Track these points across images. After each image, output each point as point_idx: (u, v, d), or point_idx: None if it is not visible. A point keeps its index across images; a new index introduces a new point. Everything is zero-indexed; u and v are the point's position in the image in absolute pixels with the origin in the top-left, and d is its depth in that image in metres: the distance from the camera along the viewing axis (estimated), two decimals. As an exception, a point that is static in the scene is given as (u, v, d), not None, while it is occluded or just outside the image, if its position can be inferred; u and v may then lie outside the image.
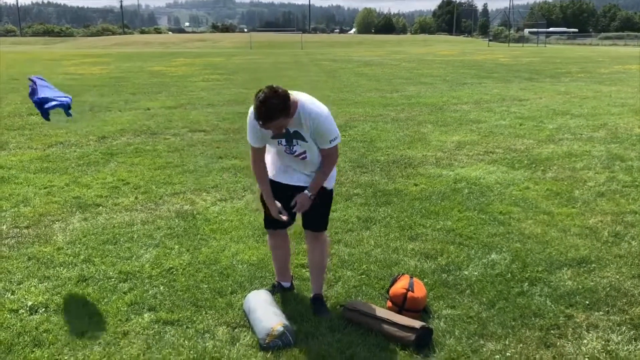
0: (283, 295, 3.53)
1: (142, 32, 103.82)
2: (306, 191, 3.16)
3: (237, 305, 3.38)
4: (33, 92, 3.82)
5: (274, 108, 2.75)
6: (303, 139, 3.04)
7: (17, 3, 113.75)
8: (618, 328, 3.17)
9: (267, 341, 2.94)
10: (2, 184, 5.98)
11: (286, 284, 3.58)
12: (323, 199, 3.29)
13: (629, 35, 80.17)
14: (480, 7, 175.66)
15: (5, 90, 14.40)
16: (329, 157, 3.13)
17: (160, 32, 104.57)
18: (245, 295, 3.40)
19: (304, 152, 3.09)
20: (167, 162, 6.98)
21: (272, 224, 3.42)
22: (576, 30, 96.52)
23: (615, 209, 5.20)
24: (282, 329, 2.95)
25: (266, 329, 2.97)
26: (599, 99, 12.99)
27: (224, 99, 12.96)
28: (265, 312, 3.10)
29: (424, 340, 2.98)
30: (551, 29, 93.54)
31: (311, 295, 3.46)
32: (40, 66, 23.98)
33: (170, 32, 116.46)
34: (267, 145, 3.22)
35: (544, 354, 2.93)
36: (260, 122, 2.81)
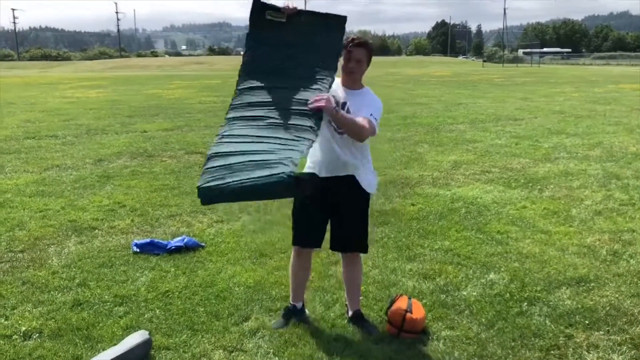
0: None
1: (139, 55, 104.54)
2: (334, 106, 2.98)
3: (234, 329, 3.35)
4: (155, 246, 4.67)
5: (370, 41, 3.20)
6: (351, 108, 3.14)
7: (14, 28, 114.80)
8: (619, 348, 3.14)
9: None
10: (-3, 207, 5.95)
11: (299, 305, 3.48)
12: (359, 208, 3.26)
13: (622, 55, 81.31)
14: (474, 29, 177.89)
15: (2, 114, 14.42)
16: (364, 122, 3.05)
17: (157, 55, 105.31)
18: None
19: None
20: (163, 184, 6.97)
21: (301, 240, 3.36)
22: (569, 50, 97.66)
23: (613, 228, 5.20)
24: None
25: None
26: (593, 118, 13.08)
27: (220, 121, 12.90)
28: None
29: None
30: (545, 49, 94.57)
31: (350, 313, 3.45)
32: (38, 90, 24.06)
33: (167, 55, 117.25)
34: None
35: (544, 375, 2.90)
36: (356, 41, 3.10)
